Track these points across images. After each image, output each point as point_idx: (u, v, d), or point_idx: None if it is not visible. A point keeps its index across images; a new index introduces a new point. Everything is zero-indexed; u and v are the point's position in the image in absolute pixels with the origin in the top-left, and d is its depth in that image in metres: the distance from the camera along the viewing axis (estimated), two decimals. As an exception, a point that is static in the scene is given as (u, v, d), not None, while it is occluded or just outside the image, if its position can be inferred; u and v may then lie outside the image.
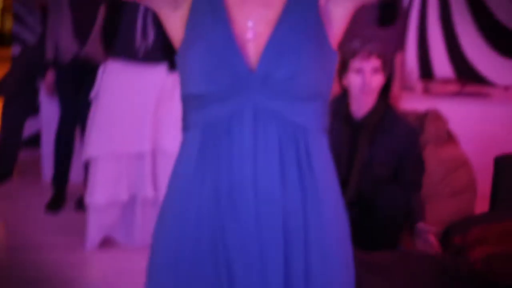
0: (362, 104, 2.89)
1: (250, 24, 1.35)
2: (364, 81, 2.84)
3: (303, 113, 1.35)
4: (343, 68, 2.94)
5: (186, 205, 1.36)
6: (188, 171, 1.37)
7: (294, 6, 1.36)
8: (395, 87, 4.13)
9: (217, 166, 1.34)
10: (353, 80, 2.88)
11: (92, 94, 3.52)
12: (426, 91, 4.58)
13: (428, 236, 2.78)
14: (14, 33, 4.88)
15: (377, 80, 2.87)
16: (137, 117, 3.42)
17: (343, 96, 2.97)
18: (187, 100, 1.39)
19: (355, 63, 2.87)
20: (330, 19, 1.39)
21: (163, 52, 3.37)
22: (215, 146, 1.34)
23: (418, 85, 4.59)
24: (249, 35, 1.35)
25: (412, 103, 4.26)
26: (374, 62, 2.86)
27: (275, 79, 1.31)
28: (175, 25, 1.40)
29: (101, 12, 3.81)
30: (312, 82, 1.33)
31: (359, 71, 2.87)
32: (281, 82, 1.31)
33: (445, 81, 4.73)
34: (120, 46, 3.43)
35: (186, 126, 1.42)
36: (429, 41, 4.89)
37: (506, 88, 4.87)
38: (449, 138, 3.91)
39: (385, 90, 2.99)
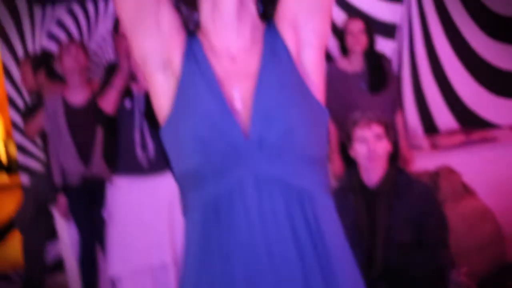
0: (372, 172, 2.89)
1: (236, 94, 1.35)
2: (369, 149, 2.85)
3: (305, 175, 1.33)
4: (348, 140, 2.96)
5: None
6: (195, 256, 1.34)
7: (269, 64, 1.37)
8: (403, 149, 4.13)
9: (226, 243, 1.30)
10: (359, 150, 2.89)
11: (105, 213, 3.53)
12: (434, 147, 4.56)
13: (461, 278, 2.73)
14: (19, 162, 4.93)
15: (382, 146, 2.88)
16: (153, 229, 3.41)
17: (353, 168, 2.97)
18: (182, 179, 1.37)
19: (358, 133, 2.89)
20: (306, 69, 1.40)
21: (166, 158, 3.39)
22: (219, 224, 1.31)
23: (424, 142, 4.58)
24: (238, 105, 1.34)
25: (422, 161, 4.25)
26: (376, 129, 2.87)
27: (269, 141, 1.30)
28: (164, 91, 1.40)
29: (99, 131, 3.88)
30: (306, 139, 1.32)
31: (363, 140, 2.88)
32: (276, 144, 1.30)
33: (450, 132, 4.73)
34: (122, 162, 3.46)
35: (185, 208, 1.38)
36: (425, 95, 4.92)
37: (511, 128, 4.87)
38: (466, 190, 3.88)
39: (393, 154, 2.99)
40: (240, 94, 1.35)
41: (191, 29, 1.44)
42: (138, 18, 1.39)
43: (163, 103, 1.40)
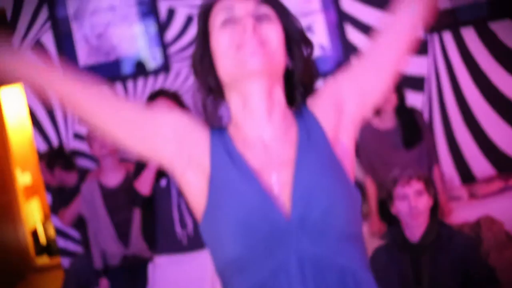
0: (415, 228, 2.92)
1: (273, 180, 1.37)
2: (410, 206, 2.88)
3: (346, 253, 1.33)
4: (389, 198, 2.99)
5: None
6: None
7: (305, 149, 1.39)
8: (442, 202, 4.09)
9: None
10: (400, 207, 2.93)
11: None
12: (473, 196, 4.50)
13: None
14: (59, 247, 4.96)
15: (423, 202, 2.91)
16: None
17: (396, 225, 2.99)
18: (224, 268, 1.37)
19: (398, 191, 2.93)
20: (342, 149, 1.43)
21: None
22: None
23: (462, 192, 4.53)
24: (275, 189, 1.36)
25: (462, 212, 4.19)
26: (416, 185, 2.91)
27: (310, 221, 1.30)
28: (197, 188, 1.41)
29: (137, 211, 3.91)
30: (344, 217, 1.33)
31: (404, 197, 2.92)
32: (317, 223, 1.31)
33: (488, 180, 4.67)
34: (162, 241, 3.45)
35: None
36: (459, 144, 4.89)
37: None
38: (510, 239, 3.82)
39: (434, 209, 3.00)
40: (277, 180, 1.36)
41: (216, 124, 1.47)
42: (150, 139, 1.45)
43: (197, 201, 1.41)
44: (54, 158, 4.51)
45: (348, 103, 1.45)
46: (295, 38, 1.45)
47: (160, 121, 1.44)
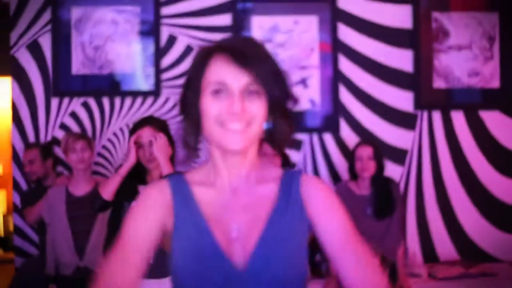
0: None
1: (234, 226, 1.45)
2: None
3: None
4: None
5: None
6: None
7: (282, 213, 1.47)
8: (401, 277, 4.09)
9: None
10: None
11: None
12: (432, 276, 4.51)
13: None
14: (15, 244, 4.91)
15: None
16: None
17: None
18: None
19: None
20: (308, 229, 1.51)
21: (165, 267, 3.35)
22: None
23: (423, 270, 4.54)
24: (234, 234, 1.44)
25: (419, 291, 4.21)
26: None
27: (263, 278, 1.40)
28: (163, 241, 1.51)
29: (97, 224, 3.90)
30: (296, 276, 1.43)
31: None
32: (268, 280, 1.40)
33: (450, 264, 4.69)
34: None
35: None
36: (429, 223, 4.91)
37: (511, 263, 4.82)
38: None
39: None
40: (238, 227, 1.45)
41: (194, 157, 1.54)
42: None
43: (167, 242, 1.50)
44: (50, 150, 4.52)
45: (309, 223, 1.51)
46: (280, 107, 1.50)
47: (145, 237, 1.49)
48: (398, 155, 4.91)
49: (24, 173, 4.64)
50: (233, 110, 1.41)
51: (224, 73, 1.44)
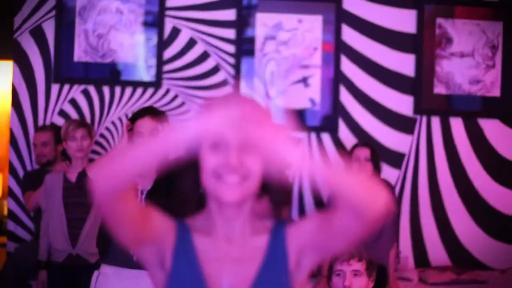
0: None
1: (225, 280, 1.50)
2: (343, 284, 2.88)
3: None
4: (329, 272, 2.99)
5: None
6: None
7: (269, 270, 1.52)
8: (391, 280, 4.10)
9: None
10: (335, 283, 2.93)
11: None
12: (422, 281, 4.52)
13: None
14: (8, 229, 4.91)
15: (359, 283, 2.91)
16: None
17: None
18: None
19: (337, 266, 2.93)
20: (298, 268, 1.55)
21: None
22: None
23: (413, 275, 4.54)
24: (225, 284, 1.50)
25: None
26: (355, 265, 2.91)
27: None
28: (158, 279, 1.55)
29: (92, 213, 3.92)
30: None
31: (340, 274, 2.92)
32: None
33: (441, 269, 4.69)
34: (113, 254, 3.42)
35: None
36: (422, 228, 4.92)
37: (502, 271, 4.83)
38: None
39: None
40: (228, 278, 1.51)
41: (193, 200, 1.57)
42: (140, 239, 1.53)
43: (157, 284, 1.57)
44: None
45: (308, 251, 1.55)
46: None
47: (155, 227, 1.54)
48: (395, 159, 4.92)
49: (36, 155, 4.59)
50: (229, 163, 1.46)
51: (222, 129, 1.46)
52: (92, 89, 4.84)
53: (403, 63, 4.95)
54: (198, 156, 1.51)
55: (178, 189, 1.56)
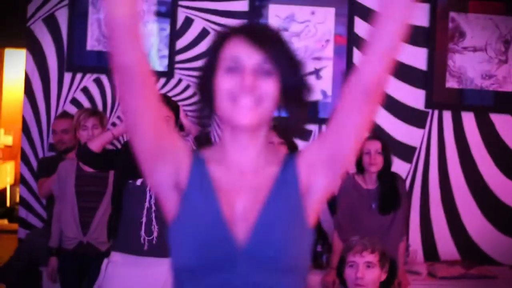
0: None
1: (239, 204, 1.50)
2: (356, 275, 2.88)
3: (288, 284, 1.48)
4: (342, 262, 2.99)
5: None
6: None
7: (278, 191, 1.52)
8: (400, 273, 4.10)
9: None
10: (348, 274, 2.93)
11: (95, 287, 3.49)
12: (431, 275, 4.52)
13: None
14: (20, 216, 4.94)
15: (372, 275, 2.91)
16: None
17: None
18: (178, 271, 1.52)
19: (350, 257, 2.94)
20: (310, 192, 1.55)
21: (167, 248, 3.35)
22: None
23: (422, 269, 4.54)
24: (239, 213, 1.49)
25: (416, 287, 4.21)
26: (368, 257, 2.91)
27: (262, 256, 1.45)
28: (172, 202, 1.53)
29: (104, 201, 3.93)
30: (294, 257, 1.48)
31: (353, 265, 2.92)
32: (267, 259, 1.45)
33: (450, 263, 4.69)
34: (124, 241, 3.44)
35: None
36: (432, 222, 4.92)
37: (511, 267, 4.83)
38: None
39: (386, 284, 3.00)
40: (243, 205, 1.50)
41: (206, 132, 1.61)
42: (158, 150, 1.51)
43: (170, 209, 1.53)
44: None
45: (319, 169, 1.54)
46: (293, 93, 1.53)
47: (173, 142, 1.54)
48: (406, 152, 4.91)
49: (55, 141, 4.60)
50: (244, 83, 1.47)
51: (238, 51, 1.50)
52: (104, 78, 4.85)
53: (415, 57, 4.93)
54: (212, 84, 1.53)
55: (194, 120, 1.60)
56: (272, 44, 1.50)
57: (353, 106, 1.48)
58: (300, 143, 3.94)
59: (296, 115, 1.56)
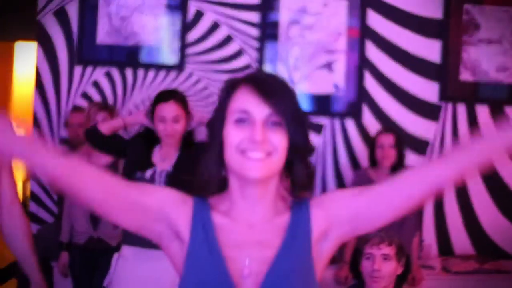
0: None
1: (247, 262, 1.48)
2: (373, 268, 2.87)
3: None
4: (359, 255, 2.98)
5: None
6: None
7: (289, 249, 1.50)
8: (414, 268, 4.07)
9: None
10: (364, 266, 2.92)
11: (106, 281, 3.47)
12: (445, 269, 4.48)
13: None
14: (30, 211, 4.94)
15: (389, 267, 2.90)
16: None
17: (358, 286, 2.98)
18: None
19: (367, 250, 2.93)
20: (319, 255, 1.54)
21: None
22: None
23: (436, 263, 4.51)
24: (246, 272, 1.47)
25: (432, 283, 4.18)
26: (385, 249, 2.90)
27: None
28: (177, 259, 1.54)
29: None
30: None
31: (370, 257, 2.91)
32: None
33: (465, 258, 4.65)
34: (134, 234, 3.41)
35: None
36: (446, 216, 4.88)
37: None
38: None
39: (402, 277, 2.98)
40: (250, 261, 1.48)
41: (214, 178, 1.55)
42: (139, 218, 1.55)
43: (178, 266, 1.54)
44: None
45: (339, 223, 1.55)
46: (299, 148, 1.53)
47: (149, 200, 1.54)
48: (420, 145, 4.86)
49: (69, 135, 4.59)
50: (254, 138, 1.46)
51: (248, 103, 1.49)
52: (115, 72, 4.82)
53: (429, 49, 4.88)
54: (221, 134, 1.52)
55: (201, 169, 1.54)
56: (281, 95, 1.49)
57: (404, 191, 1.53)
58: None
59: (300, 170, 1.55)
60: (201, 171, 1.54)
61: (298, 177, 1.54)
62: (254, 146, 1.46)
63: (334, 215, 1.54)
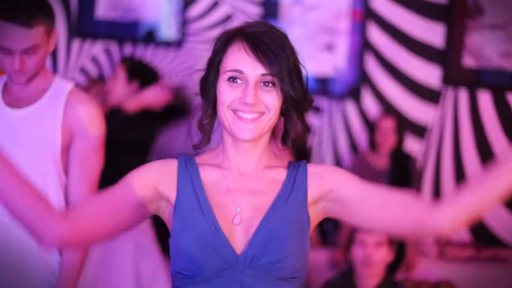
0: (367, 279, 2.93)
1: (238, 210, 1.49)
2: (365, 254, 2.88)
3: None
4: (349, 242, 2.98)
5: None
6: None
7: (286, 199, 1.51)
8: (409, 254, 4.06)
9: None
10: (356, 253, 2.92)
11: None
12: (441, 256, 4.47)
13: None
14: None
15: (381, 254, 2.91)
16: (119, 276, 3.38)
17: (349, 272, 2.99)
18: (176, 277, 1.50)
19: (359, 236, 2.93)
20: (316, 208, 1.54)
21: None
22: None
23: (432, 250, 4.49)
24: (237, 220, 1.48)
25: (427, 269, 4.17)
26: (378, 236, 2.89)
27: (260, 263, 1.45)
28: (166, 214, 1.54)
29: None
30: (293, 266, 1.47)
31: (362, 244, 2.92)
32: (265, 266, 1.45)
33: (461, 245, 4.64)
34: None
35: None
36: (444, 203, 4.85)
37: (523, 250, 4.78)
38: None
39: (394, 265, 2.99)
40: (241, 208, 1.49)
41: (207, 137, 1.57)
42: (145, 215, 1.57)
43: (168, 221, 1.54)
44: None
45: (330, 197, 1.54)
46: (293, 103, 1.52)
47: (140, 192, 1.52)
48: (419, 130, 4.83)
49: None
50: (246, 100, 1.46)
51: (241, 62, 1.48)
52: (113, 47, 4.78)
53: (433, 33, 4.84)
54: (214, 90, 1.52)
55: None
56: (276, 55, 1.47)
57: (404, 220, 1.52)
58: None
59: (295, 126, 1.54)
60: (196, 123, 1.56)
61: (292, 130, 1.54)
62: (246, 107, 1.47)
63: (328, 188, 1.53)
